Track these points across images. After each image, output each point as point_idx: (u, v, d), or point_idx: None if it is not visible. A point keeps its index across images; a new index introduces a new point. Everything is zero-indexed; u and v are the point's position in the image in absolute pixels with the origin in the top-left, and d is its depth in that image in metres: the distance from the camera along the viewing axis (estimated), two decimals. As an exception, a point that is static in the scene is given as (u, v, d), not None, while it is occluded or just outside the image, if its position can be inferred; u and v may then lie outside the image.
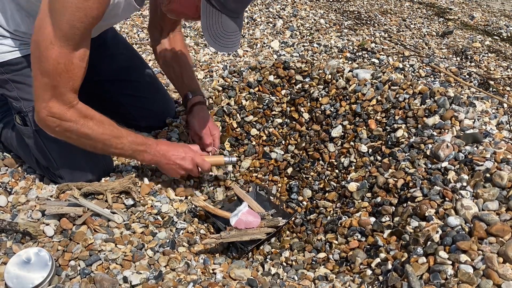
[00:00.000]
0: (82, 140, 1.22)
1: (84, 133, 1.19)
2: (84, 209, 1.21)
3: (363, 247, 1.25)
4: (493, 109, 1.60)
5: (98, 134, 1.21)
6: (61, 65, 1.08)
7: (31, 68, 1.12)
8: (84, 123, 1.18)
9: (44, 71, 1.09)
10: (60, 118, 1.15)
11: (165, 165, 1.35)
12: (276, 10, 2.82)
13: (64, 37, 1.05)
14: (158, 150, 1.33)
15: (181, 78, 1.57)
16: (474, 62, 2.39)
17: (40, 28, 1.06)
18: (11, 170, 1.46)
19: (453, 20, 3.35)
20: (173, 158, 1.34)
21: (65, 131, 1.18)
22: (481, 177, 1.16)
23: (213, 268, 1.22)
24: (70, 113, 1.16)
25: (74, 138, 1.20)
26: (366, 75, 1.77)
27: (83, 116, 1.18)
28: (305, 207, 1.62)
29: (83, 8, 1.02)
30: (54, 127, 1.17)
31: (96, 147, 1.24)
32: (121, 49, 1.63)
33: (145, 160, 1.34)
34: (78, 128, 1.17)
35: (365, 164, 1.53)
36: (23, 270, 1.01)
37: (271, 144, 1.83)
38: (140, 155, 1.31)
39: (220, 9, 1.05)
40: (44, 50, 1.06)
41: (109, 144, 1.24)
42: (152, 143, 1.33)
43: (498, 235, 1.00)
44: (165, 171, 1.39)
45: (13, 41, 1.28)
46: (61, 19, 1.03)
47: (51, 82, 1.10)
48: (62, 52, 1.07)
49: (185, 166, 1.36)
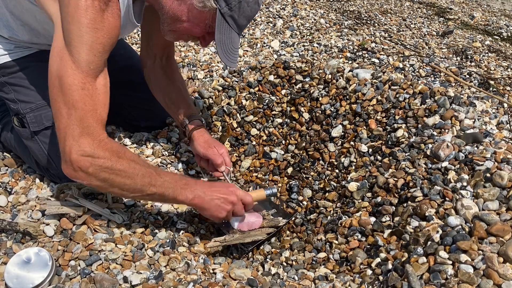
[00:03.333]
0: (119, 180, 1.07)
1: (120, 170, 1.06)
2: (84, 209, 1.21)
3: (363, 247, 1.25)
4: (493, 109, 1.60)
5: (136, 169, 1.08)
6: (86, 91, 1.01)
7: (27, 71, 1.10)
8: (118, 159, 1.06)
9: (68, 101, 1.00)
10: (93, 155, 1.03)
11: (209, 201, 1.21)
12: (276, 10, 2.81)
13: (84, 62, 1.00)
14: (198, 187, 1.20)
15: (177, 104, 1.50)
16: (474, 62, 2.39)
17: (58, 57, 1.01)
18: (11, 170, 1.46)
19: (453, 20, 3.34)
20: (216, 193, 1.23)
21: (100, 171, 1.04)
22: (481, 177, 1.16)
23: (213, 268, 1.22)
24: (102, 149, 1.04)
25: (110, 179, 1.06)
26: (366, 75, 1.77)
27: (116, 151, 1.07)
28: (305, 207, 1.62)
29: (100, 28, 1.00)
30: (87, 167, 1.03)
31: (136, 186, 1.09)
32: (120, 49, 1.63)
33: (188, 199, 1.18)
34: (112, 164, 1.05)
35: (365, 164, 1.53)
36: (23, 270, 1.01)
37: (271, 144, 1.83)
38: (182, 193, 1.17)
39: (231, 24, 1.07)
40: (66, 78, 1.00)
41: (148, 182, 1.10)
42: (191, 180, 1.23)
43: (498, 235, 1.00)
44: (209, 209, 1.23)
45: (7, 44, 1.29)
46: (79, 43, 0.98)
47: (77, 114, 1.01)
48: (85, 78, 1.01)
49: (231, 199, 1.24)
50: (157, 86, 1.52)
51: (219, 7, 1.03)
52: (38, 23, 1.21)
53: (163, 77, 1.50)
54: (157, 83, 1.51)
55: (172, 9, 1.07)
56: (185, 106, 1.51)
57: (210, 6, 1.03)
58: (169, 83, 1.51)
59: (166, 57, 1.51)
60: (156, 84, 1.52)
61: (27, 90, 1.32)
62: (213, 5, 1.03)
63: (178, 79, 1.54)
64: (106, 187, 1.10)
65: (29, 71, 1.32)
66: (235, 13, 1.05)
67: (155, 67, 1.50)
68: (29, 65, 1.32)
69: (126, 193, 1.12)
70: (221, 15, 1.04)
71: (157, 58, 1.49)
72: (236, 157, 1.80)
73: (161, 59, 1.49)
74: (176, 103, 1.50)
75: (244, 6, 1.05)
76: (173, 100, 1.51)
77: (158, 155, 1.59)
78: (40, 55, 1.31)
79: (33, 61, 1.33)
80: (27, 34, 1.26)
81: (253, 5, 1.07)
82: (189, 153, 1.65)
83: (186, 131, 1.48)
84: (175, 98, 1.51)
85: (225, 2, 1.03)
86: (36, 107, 1.32)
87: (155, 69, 1.50)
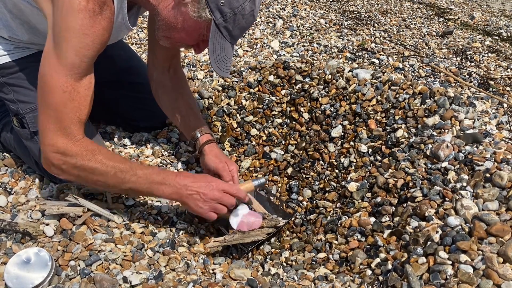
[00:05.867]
0: (92, 177, 1.12)
1: (92, 168, 1.10)
2: (84, 209, 1.21)
3: (363, 247, 1.25)
4: (493, 109, 1.60)
5: (108, 167, 1.11)
6: (66, 94, 1.04)
7: (26, 71, 1.12)
8: (91, 157, 1.10)
9: (48, 103, 1.05)
10: (65, 153, 1.08)
11: (188, 196, 1.19)
12: (276, 10, 2.81)
13: (69, 65, 1.02)
14: (178, 181, 1.18)
15: (187, 118, 1.48)
16: (474, 62, 2.39)
17: (45, 59, 1.04)
18: (11, 170, 1.46)
19: (453, 20, 3.35)
20: (196, 187, 1.19)
21: (72, 168, 1.10)
22: (481, 177, 1.16)
23: (213, 268, 1.22)
24: (76, 148, 1.08)
25: (83, 176, 1.12)
26: (366, 75, 1.77)
27: (90, 150, 1.10)
28: (305, 207, 1.62)
29: (90, 34, 1.00)
30: (60, 165, 1.09)
31: (108, 183, 1.14)
32: (119, 50, 1.63)
33: (164, 194, 1.18)
34: (85, 163, 1.09)
35: (365, 164, 1.53)
36: (23, 270, 1.01)
37: (271, 144, 1.83)
38: (158, 188, 1.17)
39: (225, 35, 1.07)
40: (49, 80, 1.03)
41: (121, 178, 1.13)
42: (170, 174, 1.21)
43: (498, 235, 1.00)
44: (189, 205, 1.22)
45: (6, 45, 1.29)
46: (66, 47, 1.00)
47: (56, 114, 1.05)
48: (67, 81, 1.03)
49: (211, 195, 1.20)
50: (165, 99, 1.51)
51: (214, 18, 1.04)
52: (37, 22, 1.22)
53: (171, 91, 1.49)
54: (165, 97, 1.50)
55: (168, 17, 1.08)
56: (195, 120, 1.49)
57: (205, 16, 1.04)
58: (178, 97, 1.49)
59: (174, 69, 1.49)
60: (164, 97, 1.50)
61: (27, 90, 1.32)
62: (208, 16, 1.04)
63: (186, 92, 1.53)
64: (81, 182, 1.19)
65: (28, 71, 1.32)
66: (230, 24, 1.06)
67: (163, 79, 1.48)
68: (28, 65, 1.32)
69: (102, 188, 1.21)
70: (215, 26, 1.05)
71: (164, 69, 1.48)
72: (236, 157, 1.80)
73: (168, 70, 1.48)
74: (186, 117, 1.49)
75: (239, 18, 1.06)
76: (183, 114, 1.49)
77: (158, 155, 1.59)
78: (39, 55, 1.29)
79: (33, 62, 1.32)
80: (27, 34, 1.26)
81: (248, 17, 1.08)
82: (189, 153, 1.65)
83: (197, 145, 1.46)
84: (185, 112, 1.49)
85: (220, 13, 1.03)
86: (35, 107, 1.31)
87: (163, 82, 1.48)
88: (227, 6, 1.03)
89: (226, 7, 1.03)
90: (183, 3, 1.04)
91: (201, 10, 1.03)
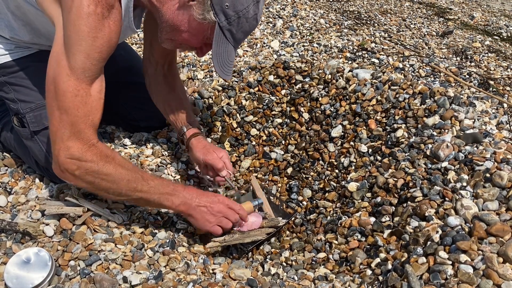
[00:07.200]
0: (105, 184, 1.10)
1: (106, 174, 1.09)
2: (84, 209, 1.21)
3: (363, 247, 1.25)
4: (493, 109, 1.60)
5: (122, 174, 1.11)
6: (79, 97, 1.03)
7: (27, 71, 1.11)
8: (105, 164, 1.08)
9: (61, 106, 1.03)
10: (80, 159, 1.06)
11: (196, 208, 1.21)
12: (276, 10, 2.81)
13: (80, 68, 1.01)
14: (186, 194, 1.21)
15: (176, 112, 1.49)
16: (474, 62, 2.39)
17: (55, 62, 1.02)
18: (11, 170, 1.46)
19: (453, 20, 3.35)
20: (204, 201, 1.22)
21: (86, 174, 1.08)
22: (481, 177, 1.16)
23: (213, 268, 1.22)
24: (90, 153, 1.07)
25: (96, 182, 1.10)
26: (366, 75, 1.77)
27: (104, 156, 1.09)
28: (305, 207, 1.62)
29: (99, 37, 1.00)
30: (73, 170, 1.07)
31: (120, 191, 1.13)
32: (120, 50, 1.62)
33: (174, 204, 1.19)
34: (98, 169, 1.08)
35: (365, 164, 1.53)
36: (23, 270, 1.01)
37: (271, 144, 1.83)
38: (168, 199, 1.18)
39: (229, 38, 1.08)
40: (61, 83, 1.02)
41: (133, 187, 1.12)
42: (179, 186, 1.23)
43: (498, 235, 1.00)
44: (195, 218, 1.23)
45: (7, 44, 1.29)
46: (77, 50, 1.00)
47: (69, 118, 1.03)
48: (79, 84, 1.02)
49: (218, 208, 1.23)
50: (158, 93, 1.51)
51: (218, 21, 1.05)
52: (40, 23, 1.22)
53: (163, 85, 1.49)
54: (157, 91, 1.51)
55: (173, 19, 1.09)
56: (184, 114, 1.49)
57: (209, 19, 1.05)
58: (169, 91, 1.50)
59: (168, 64, 1.50)
60: (157, 91, 1.51)
61: (27, 90, 1.32)
62: (213, 18, 1.04)
63: (179, 87, 1.54)
64: (92, 189, 1.14)
65: (29, 71, 1.32)
66: (234, 27, 1.07)
67: (157, 74, 1.49)
68: (29, 65, 1.32)
69: (112, 196, 1.17)
70: (219, 28, 1.06)
71: (158, 65, 1.48)
72: (236, 157, 1.80)
73: (163, 66, 1.49)
74: (176, 111, 1.49)
75: (243, 22, 1.07)
76: (173, 108, 1.50)
77: (158, 155, 1.59)
78: (40, 55, 1.31)
79: (33, 61, 1.33)
80: (29, 34, 1.26)
81: (251, 21, 1.09)
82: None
83: (184, 139, 1.48)
84: (175, 106, 1.50)
85: (225, 16, 1.04)
86: (36, 107, 1.32)
87: (156, 76, 1.49)
88: (232, 9, 1.03)
89: (231, 10, 1.03)
90: (188, 5, 1.05)
91: (205, 12, 1.04)
